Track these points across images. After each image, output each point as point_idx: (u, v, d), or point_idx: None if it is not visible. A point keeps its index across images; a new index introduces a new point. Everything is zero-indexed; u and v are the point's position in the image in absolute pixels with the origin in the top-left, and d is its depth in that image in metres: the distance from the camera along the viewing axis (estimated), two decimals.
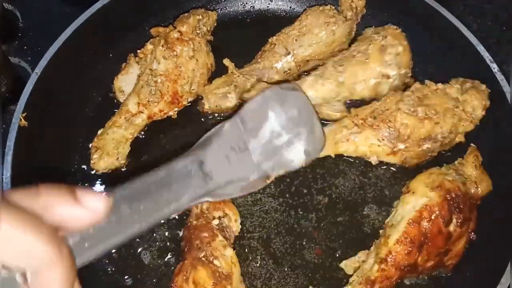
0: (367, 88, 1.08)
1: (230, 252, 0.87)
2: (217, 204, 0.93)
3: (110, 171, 1.05)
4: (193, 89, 1.10)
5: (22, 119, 0.96)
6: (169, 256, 0.97)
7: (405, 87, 1.10)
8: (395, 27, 1.12)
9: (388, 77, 1.07)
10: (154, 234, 0.99)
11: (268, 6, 1.32)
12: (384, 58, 1.07)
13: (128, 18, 1.19)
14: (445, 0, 1.12)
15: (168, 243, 0.98)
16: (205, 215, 0.91)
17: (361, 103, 1.09)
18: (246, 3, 1.31)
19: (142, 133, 1.10)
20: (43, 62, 1.02)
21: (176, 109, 1.10)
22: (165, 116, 1.10)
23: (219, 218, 0.92)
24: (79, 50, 1.10)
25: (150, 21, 1.21)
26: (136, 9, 1.19)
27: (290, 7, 1.31)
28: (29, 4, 1.34)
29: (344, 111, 1.09)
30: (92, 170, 1.05)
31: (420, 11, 1.14)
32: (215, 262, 0.85)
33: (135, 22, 1.21)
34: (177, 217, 0.99)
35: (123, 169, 1.06)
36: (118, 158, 1.04)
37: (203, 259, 0.84)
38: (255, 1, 1.31)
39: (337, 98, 1.09)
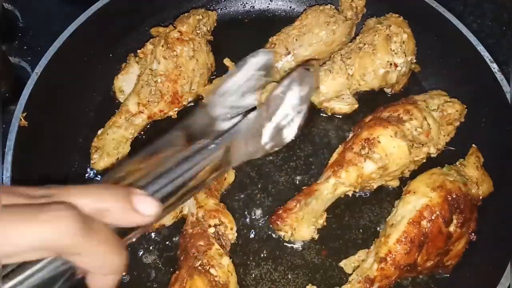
0: (377, 79, 1.10)
1: (226, 261, 0.86)
2: (213, 212, 0.92)
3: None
4: (193, 89, 1.10)
5: (22, 119, 0.96)
6: (164, 259, 0.97)
7: (411, 72, 1.15)
8: (397, 15, 1.14)
9: (396, 65, 1.09)
10: (153, 235, 0.99)
11: (268, 6, 1.32)
12: (391, 47, 1.08)
13: (128, 18, 1.19)
14: (445, 0, 1.12)
15: (164, 250, 0.98)
16: (200, 223, 0.91)
17: (371, 94, 1.13)
18: (246, 3, 1.31)
19: (142, 133, 1.10)
20: (43, 62, 1.02)
21: (176, 109, 1.10)
22: (165, 116, 1.10)
23: (215, 226, 0.91)
24: (79, 50, 1.10)
25: (150, 21, 1.21)
26: (136, 9, 1.19)
27: (290, 7, 1.31)
28: (29, 4, 1.34)
29: (355, 103, 1.11)
30: (92, 170, 1.05)
31: (420, 11, 1.14)
32: (212, 271, 0.84)
33: (135, 22, 1.21)
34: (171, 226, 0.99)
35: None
36: (118, 158, 1.04)
37: (200, 268, 0.83)
38: (255, 1, 1.31)
39: (348, 91, 1.11)
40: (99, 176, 1.06)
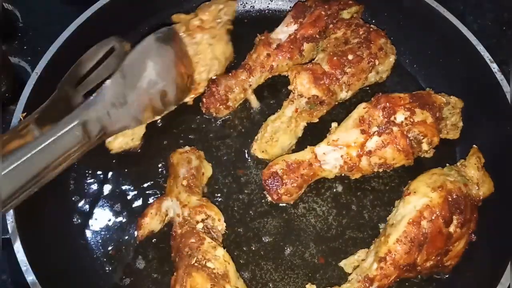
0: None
1: (221, 252, 0.86)
2: (198, 208, 0.92)
3: (123, 151, 1.05)
4: (210, 77, 1.10)
5: (22, 119, 0.96)
6: (159, 263, 0.97)
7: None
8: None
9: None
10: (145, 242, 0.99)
11: (268, 6, 1.32)
12: None
13: (128, 18, 1.19)
14: (445, 0, 1.12)
15: (158, 254, 0.98)
16: (188, 221, 0.91)
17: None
18: (246, 3, 1.31)
19: (159, 120, 1.09)
20: (43, 62, 1.02)
21: (192, 96, 1.09)
22: (181, 102, 1.08)
23: (203, 221, 0.91)
24: (79, 50, 1.09)
25: (150, 21, 1.21)
26: (136, 9, 1.19)
27: (290, 7, 1.31)
28: (29, 4, 1.34)
29: None
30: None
31: (420, 11, 1.14)
32: (208, 264, 0.84)
33: (135, 22, 1.21)
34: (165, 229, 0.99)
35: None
36: (133, 139, 1.04)
37: (196, 264, 0.83)
38: (255, 1, 1.32)
39: None
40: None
